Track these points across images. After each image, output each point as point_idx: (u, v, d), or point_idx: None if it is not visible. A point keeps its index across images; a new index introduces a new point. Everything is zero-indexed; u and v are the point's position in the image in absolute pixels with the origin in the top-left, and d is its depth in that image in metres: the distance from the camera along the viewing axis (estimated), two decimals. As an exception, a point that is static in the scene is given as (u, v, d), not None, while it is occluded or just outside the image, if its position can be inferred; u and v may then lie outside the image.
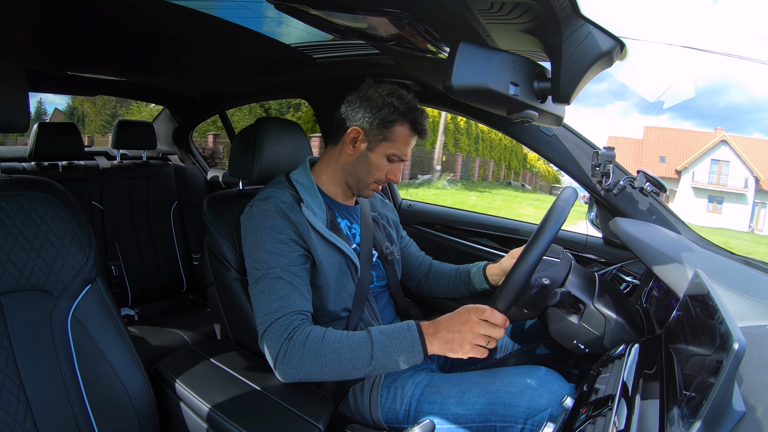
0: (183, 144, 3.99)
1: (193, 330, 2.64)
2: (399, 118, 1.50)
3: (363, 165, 1.55)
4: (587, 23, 0.95)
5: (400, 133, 1.52)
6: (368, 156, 1.54)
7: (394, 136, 1.52)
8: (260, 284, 1.37)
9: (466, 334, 1.23)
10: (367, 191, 1.61)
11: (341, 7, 1.19)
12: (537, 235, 1.25)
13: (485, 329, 1.22)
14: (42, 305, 1.26)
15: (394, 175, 1.58)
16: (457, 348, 1.24)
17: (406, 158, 1.57)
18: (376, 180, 1.57)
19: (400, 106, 1.50)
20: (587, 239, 2.19)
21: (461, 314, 1.27)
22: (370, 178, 1.56)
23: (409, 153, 1.57)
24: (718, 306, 0.84)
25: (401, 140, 1.52)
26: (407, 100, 1.52)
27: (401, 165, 1.59)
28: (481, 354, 1.24)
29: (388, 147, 1.52)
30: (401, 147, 1.53)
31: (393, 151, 1.53)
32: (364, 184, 1.58)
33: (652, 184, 1.69)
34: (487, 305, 1.26)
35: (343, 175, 1.60)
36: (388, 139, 1.52)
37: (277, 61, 2.18)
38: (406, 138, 1.53)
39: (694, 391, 0.75)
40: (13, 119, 1.24)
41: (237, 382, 1.38)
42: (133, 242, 3.07)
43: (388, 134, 1.51)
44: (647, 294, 1.63)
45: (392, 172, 1.57)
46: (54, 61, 2.35)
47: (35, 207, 1.28)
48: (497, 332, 1.23)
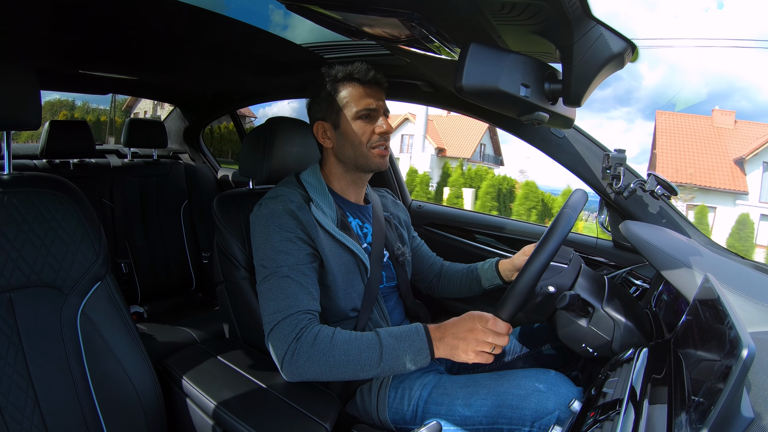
0: (194, 143, 4.01)
1: (202, 328, 2.64)
2: (336, 86, 1.53)
3: (345, 142, 1.54)
4: (598, 25, 0.94)
5: (348, 93, 1.52)
6: (342, 132, 1.54)
7: (345, 100, 1.52)
8: (268, 282, 1.37)
9: (470, 342, 1.24)
10: (371, 160, 1.56)
11: (352, 8, 1.19)
12: (543, 242, 1.25)
13: (489, 337, 1.24)
14: (52, 301, 1.27)
15: (381, 128, 1.54)
16: (462, 354, 1.25)
17: (376, 106, 1.54)
18: (369, 144, 1.54)
19: (330, 78, 1.53)
20: (597, 242, 2.18)
21: (466, 321, 1.27)
22: (362, 147, 1.54)
23: (376, 102, 1.54)
24: (727, 311, 0.83)
25: (354, 97, 1.52)
26: (335, 70, 1.54)
27: (380, 115, 1.55)
28: (486, 360, 1.26)
29: (349, 111, 1.52)
30: (359, 102, 1.52)
31: (355, 110, 1.52)
32: (361, 155, 1.55)
33: (662, 187, 1.68)
34: (491, 314, 1.26)
35: (342, 165, 1.60)
36: (342, 106, 1.52)
37: (287, 61, 2.18)
38: (356, 93, 1.52)
39: (702, 396, 0.75)
40: (26, 117, 1.26)
41: (244, 381, 1.38)
42: (143, 240, 3.08)
43: (339, 103, 1.52)
44: (657, 298, 1.62)
45: (379, 126, 1.54)
46: (66, 60, 2.37)
47: (46, 204, 1.30)
48: (501, 340, 1.24)
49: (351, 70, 1.52)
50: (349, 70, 1.52)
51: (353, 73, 1.52)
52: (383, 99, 1.58)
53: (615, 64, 1.00)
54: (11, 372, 1.18)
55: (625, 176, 1.72)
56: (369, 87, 1.54)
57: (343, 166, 1.60)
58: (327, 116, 1.55)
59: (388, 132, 1.55)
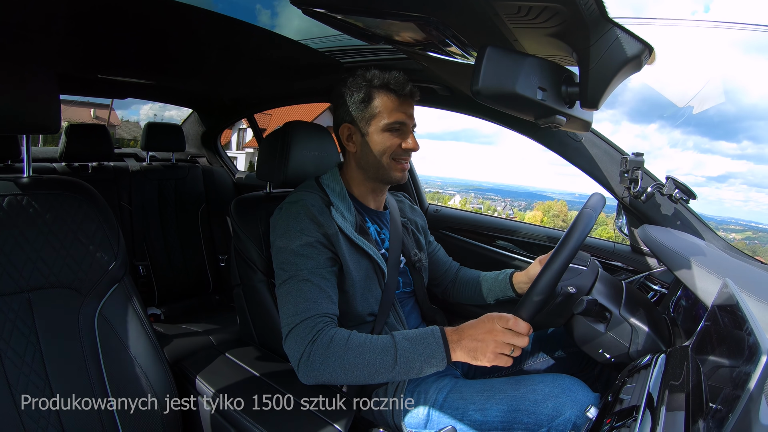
0: (211, 147, 4.04)
1: (218, 330, 2.66)
2: (371, 92, 1.51)
3: (369, 150, 1.54)
4: (615, 27, 0.94)
5: (382, 103, 1.51)
6: (367, 140, 1.53)
7: (377, 109, 1.51)
8: (287, 286, 1.38)
9: (489, 343, 1.22)
10: (392, 173, 1.56)
11: (369, 12, 1.20)
12: (563, 243, 1.24)
13: (509, 338, 1.21)
14: (70, 302, 1.29)
15: (408, 144, 1.54)
16: (481, 356, 1.23)
17: (407, 121, 1.53)
18: (392, 156, 1.54)
19: (366, 83, 1.51)
20: (615, 246, 2.17)
21: (485, 322, 1.26)
22: (384, 158, 1.53)
23: (408, 118, 1.54)
24: (746, 316, 0.82)
25: (387, 108, 1.51)
26: (371, 74, 1.52)
27: (409, 130, 1.55)
28: (505, 363, 1.23)
29: (379, 121, 1.51)
30: (392, 114, 1.51)
31: (386, 122, 1.51)
32: (382, 167, 1.55)
33: (681, 191, 1.67)
34: (511, 314, 1.25)
35: (362, 172, 1.59)
36: (374, 115, 1.51)
37: (304, 65, 2.19)
38: (391, 104, 1.51)
39: (720, 403, 0.74)
40: (45, 121, 1.27)
41: (260, 383, 1.39)
42: (161, 243, 3.12)
43: (371, 111, 1.51)
44: (675, 303, 1.60)
45: (406, 142, 1.54)
46: (85, 65, 2.40)
47: (66, 207, 1.31)
48: (521, 341, 1.22)
49: (388, 79, 1.51)
50: (387, 79, 1.51)
51: (390, 82, 1.51)
52: (413, 113, 1.57)
53: (632, 66, 0.99)
54: (29, 371, 1.20)
55: (643, 180, 1.71)
56: (404, 100, 1.53)
57: (363, 173, 1.59)
58: (358, 121, 1.54)
59: (414, 149, 1.55)
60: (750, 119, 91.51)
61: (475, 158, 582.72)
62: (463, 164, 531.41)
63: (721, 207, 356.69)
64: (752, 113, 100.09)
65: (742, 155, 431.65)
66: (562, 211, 29.01)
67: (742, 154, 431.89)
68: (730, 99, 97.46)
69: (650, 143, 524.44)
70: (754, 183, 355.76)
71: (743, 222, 42.69)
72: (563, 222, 28.69)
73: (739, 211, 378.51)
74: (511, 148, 42.11)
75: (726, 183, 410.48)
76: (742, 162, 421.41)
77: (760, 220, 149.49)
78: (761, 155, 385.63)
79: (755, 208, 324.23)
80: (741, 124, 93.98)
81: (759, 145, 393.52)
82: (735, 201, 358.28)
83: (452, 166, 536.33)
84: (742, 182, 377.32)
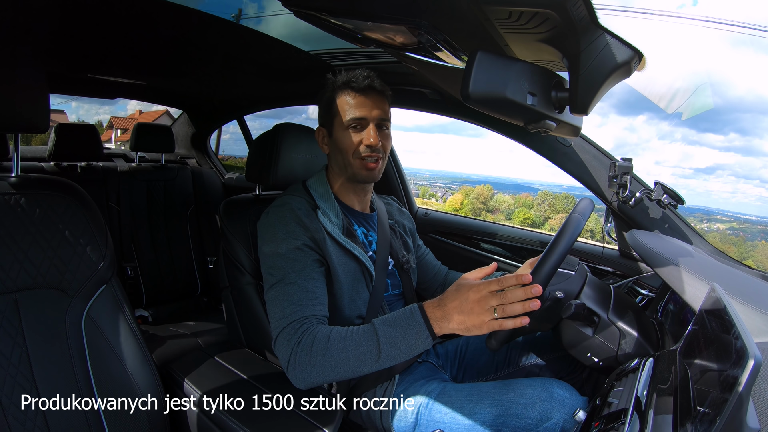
0: (201, 148, 4.02)
1: (206, 333, 2.65)
2: (333, 93, 1.54)
3: (337, 151, 1.55)
4: (605, 33, 0.95)
5: (342, 102, 1.52)
6: (334, 141, 1.55)
7: (337, 108, 1.53)
8: (275, 290, 1.37)
9: (480, 314, 1.16)
10: (359, 171, 1.54)
11: (360, 16, 1.20)
12: (551, 247, 1.24)
13: (497, 300, 1.15)
14: (57, 303, 1.28)
15: (367, 139, 1.51)
16: (476, 331, 1.17)
17: (366, 117, 1.52)
18: (354, 155, 1.53)
19: (330, 84, 1.55)
20: (603, 251, 2.17)
21: (462, 292, 1.21)
22: (348, 156, 1.53)
23: (367, 112, 1.52)
24: (734, 321, 0.82)
25: (345, 107, 1.52)
26: (338, 76, 1.55)
27: (370, 127, 1.52)
28: (513, 324, 1.14)
29: (340, 120, 1.52)
30: (350, 111, 1.51)
31: (345, 120, 1.51)
32: (350, 166, 1.54)
33: (669, 196, 1.68)
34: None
35: (340, 173, 1.60)
36: (335, 114, 1.53)
37: (295, 67, 2.19)
38: (349, 102, 1.52)
39: (708, 406, 0.74)
40: (34, 120, 1.26)
41: (248, 385, 1.39)
42: (149, 244, 3.10)
43: (333, 111, 1.54)
44: (663, 307, 1.61)
45: (365, 137, 1.51)
46: (75, 64, 2.39)
47: (53, 206, 1.30)
48: (514, 296, 1.15)
49: (348, 78, 1.52)
50: (347, 78, 1.52)
51: (350, 80, 1.52)
52: (383, 108, 1.55)
53: (622, 72, 1.00)
54: (15, 373, 1.19)
55: (632, 185, 1.72)
56: (364, 95, 1.52)
57: (341, 175, 1.60)
58: (325, 123, 1.58)
59: (372, 145, 1.51)
60: (736, 112, 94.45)
61: (464, 151, 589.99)
62: (451, 157, 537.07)
63: (708, 198, 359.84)
64: (739, 106, 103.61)
65: (729, 147, 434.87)
66: (483, 194, 29.17)
67: (729, 146, 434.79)
68: (717, 92, 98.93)
69: (638, 135, 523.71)
70: (741, 174, 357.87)
71: (730, 213, 43.09)
72: (482, 204, 28.81)
73: (726, 202, 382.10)
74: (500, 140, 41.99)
75: (714, 175, 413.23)
76: (730, 154, 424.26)
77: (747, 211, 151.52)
78: (748, 147, 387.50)
79: (743, 200, 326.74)
80: (728, 116, 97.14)
81: (746, 137, 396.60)
82: (723, 192, 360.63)
83: (441, 158, 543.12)
84: (730, 174, 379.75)
